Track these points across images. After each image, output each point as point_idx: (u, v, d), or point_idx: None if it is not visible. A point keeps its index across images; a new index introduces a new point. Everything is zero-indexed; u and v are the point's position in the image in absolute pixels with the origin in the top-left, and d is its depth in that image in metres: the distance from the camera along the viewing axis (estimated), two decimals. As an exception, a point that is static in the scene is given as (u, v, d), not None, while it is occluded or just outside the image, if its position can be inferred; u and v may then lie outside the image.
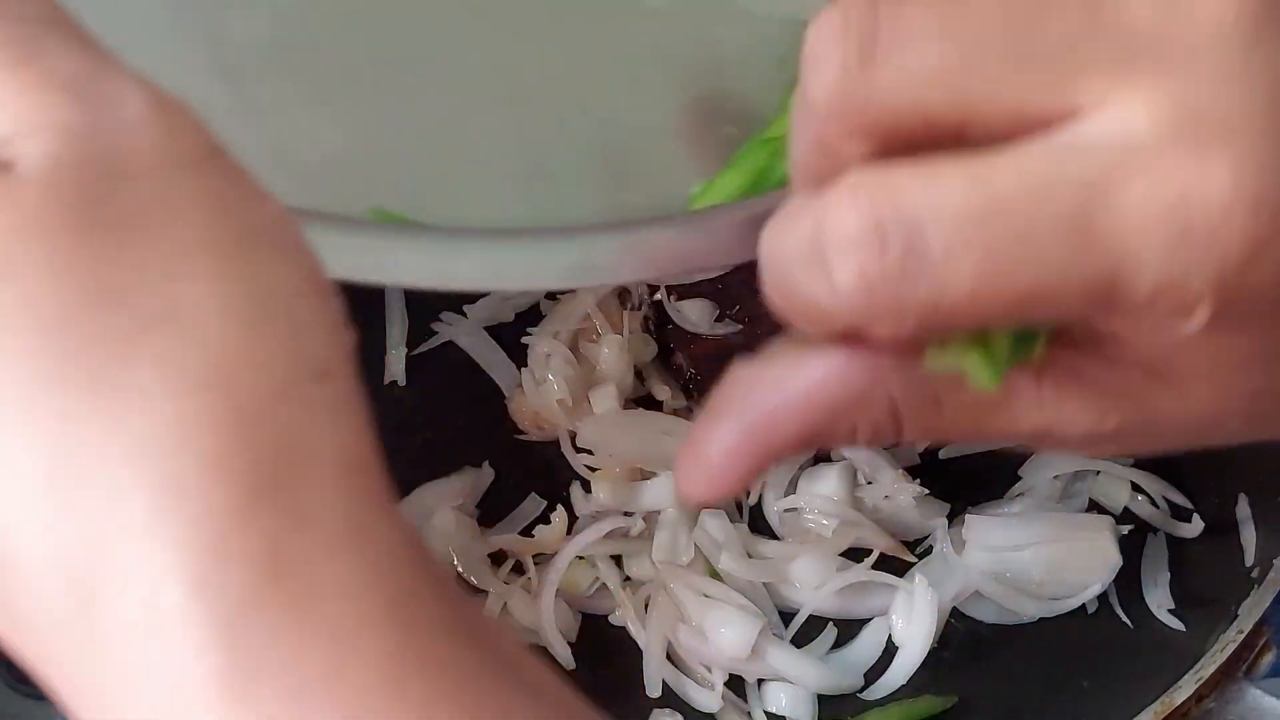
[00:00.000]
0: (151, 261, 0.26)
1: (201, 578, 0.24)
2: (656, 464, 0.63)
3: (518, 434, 0.66)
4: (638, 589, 0.62)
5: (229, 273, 0.26)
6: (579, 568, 0.62)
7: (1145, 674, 0.56)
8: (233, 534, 0.24)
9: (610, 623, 0.62)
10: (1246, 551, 0.59)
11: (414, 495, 0.64)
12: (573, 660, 0.60)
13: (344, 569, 0.25)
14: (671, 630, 0.60)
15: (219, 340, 0.25)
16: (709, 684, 0.59)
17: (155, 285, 0.25)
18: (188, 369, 0.25)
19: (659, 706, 0.59)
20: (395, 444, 0.64)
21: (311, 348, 0.26)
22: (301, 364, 0.26)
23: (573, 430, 0.64)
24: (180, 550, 0.24)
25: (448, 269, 0.36)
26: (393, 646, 0.25)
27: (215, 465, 0.24)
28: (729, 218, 0.36)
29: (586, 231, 0.36)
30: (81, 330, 0.25)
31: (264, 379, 0.25)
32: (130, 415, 0.25)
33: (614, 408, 0.64)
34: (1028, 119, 0.30)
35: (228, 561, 0.24)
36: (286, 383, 0.26)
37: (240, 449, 0.25)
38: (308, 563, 0.25)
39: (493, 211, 0.41)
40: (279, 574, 0.24)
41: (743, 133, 0.43)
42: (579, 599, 0.62)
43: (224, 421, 0.25)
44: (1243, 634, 0.54)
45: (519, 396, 0.66)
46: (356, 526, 0.25)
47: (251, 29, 0.43)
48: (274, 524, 0.25)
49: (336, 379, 0.27)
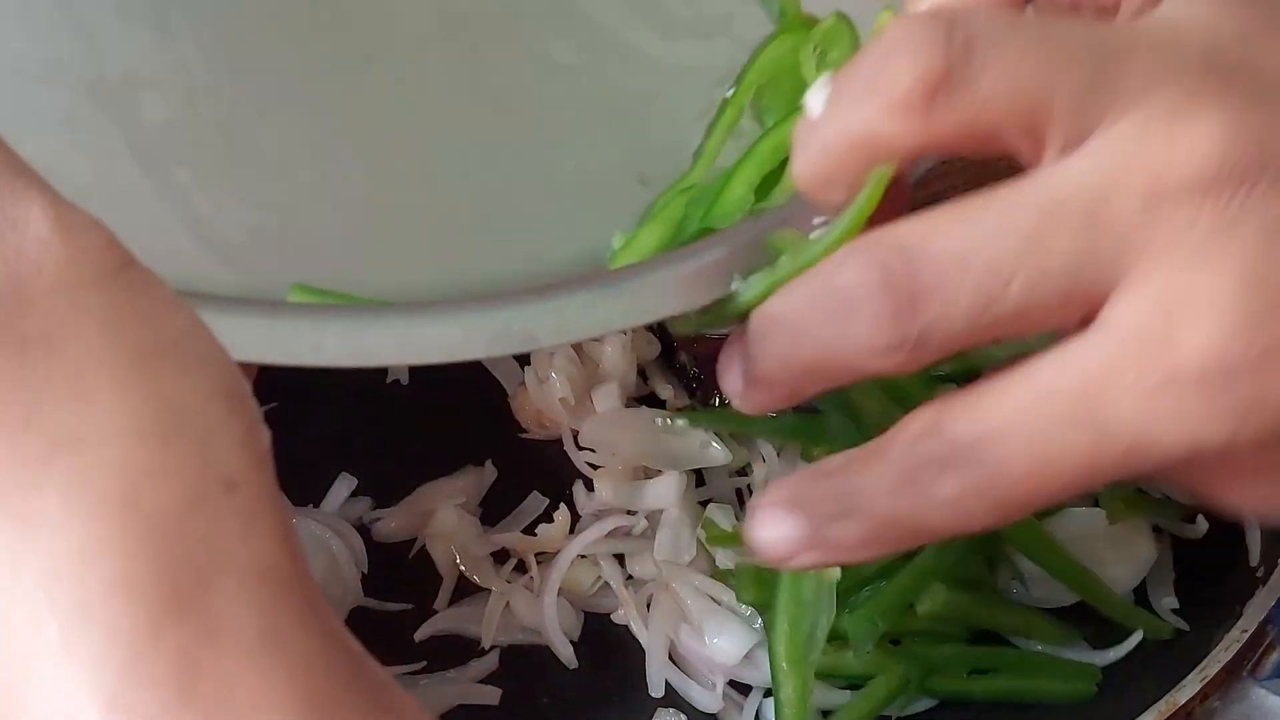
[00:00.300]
0: (56, 383, 0.26)
1: (113, 699, 0.24)
2: (659, 462, 0.63)
3: (520, 432, 0.66)
4: (640, 588, 0.62)
5: (131, 390, 0.26)
6: (581, 566, 0.62)
7: (1150, 672, 0.56)
8: (143, 654, 0.25)
9: (613, 621, 0.62)
10: (1252, 551, 0.59)
11: (417, 493, 0.64)
12: (575, 659, 0.60)
13: (259, 682, 0.25)
14: (674, 630, 0.60)
15: (122, 461, 0.26)
16: (711, 684, 0.59)
17: (60, 408, 0.26)
18: (92, 492, 0.25)
19: (662, 706, 0.59)
20: (398, 443, 0.65)
21: (219, 458, 0.27)
22: (209, 476, 0.26)
23: (575, 429, 0.64)
24: (94, 672, 0.25)
25: (367, 349, 0.36)
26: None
27: (123, 586, 0.25)
28: (652, 275, 0.38)
29: (508, 300, 0.37)
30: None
31: (169, 495, 0.26)
32: (40, 541, 0.25)
33: (617, 406, 0.64)
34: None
35: (139, 682, 0.25)
36: (193, 497, 0.26)
37: (147, 568, 0.25)
38: (222, 678, 0.25)
39: (416, 279, 0.41)
40: (193, 692, 0.25)
41: (657, 182, 0.44)
42: (581, 598, 0.62)
43: (130, 541, 0.25)
44: (1247, 633, 0.54)
45: (522, 395, 0.66)
46: (271, 637, 0.26)
47: (165, 108, 0.43)
48: (186, 640, 0.25)
49: (247, 486, 0.27)
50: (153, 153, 0.42)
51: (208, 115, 0.43)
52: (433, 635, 0.61)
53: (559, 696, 0.60)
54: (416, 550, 0.63)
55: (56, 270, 0.27)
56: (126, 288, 0.27)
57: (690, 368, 0.65)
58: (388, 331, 0.36)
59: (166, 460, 0.26)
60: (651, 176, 0.45)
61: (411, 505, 0.63)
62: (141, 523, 0.25)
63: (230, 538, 0.26)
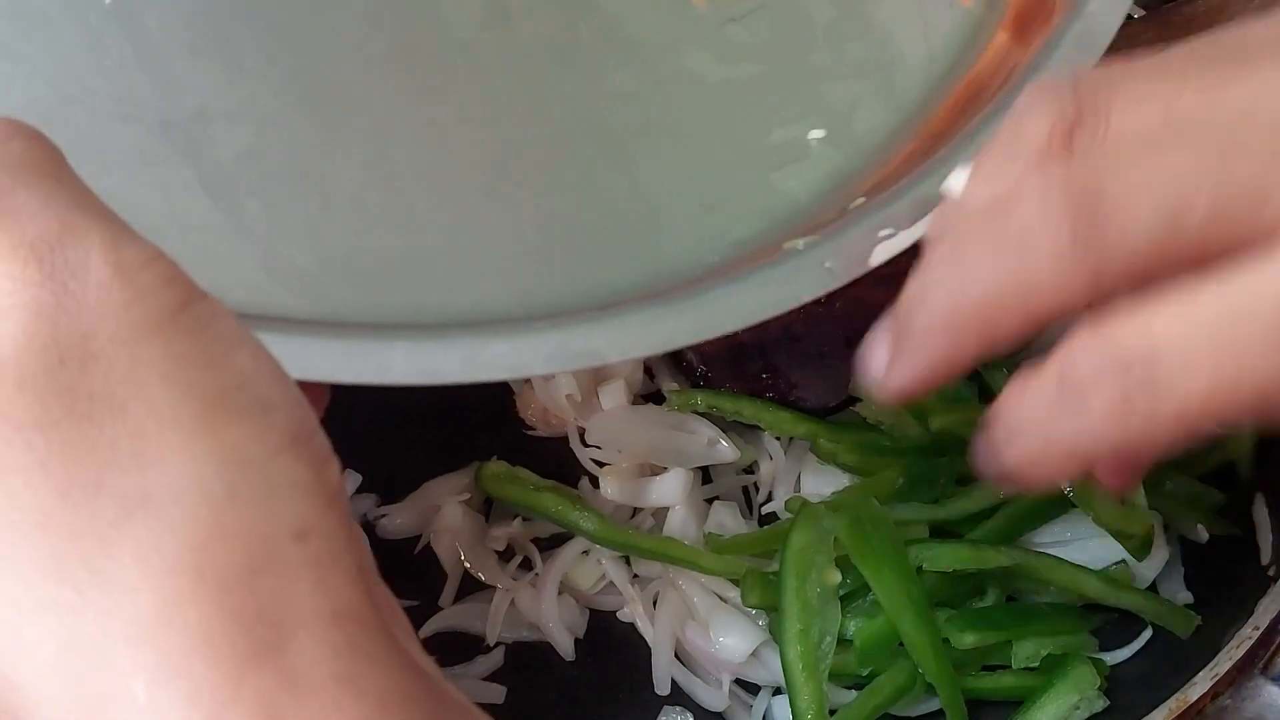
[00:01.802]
0: (122, 445, 0.27)
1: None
2: (666, 460, 0.62)
3: (526, 429, 0.66)
4: (646, 585, 0.61)
5: (196, 447, 0.27)
6: (586, 564, 0.62)
7: (1160, 670, 0.56)
8: (227, 704, 0.26)
9: (618, 619, 0.61)
10: (1263, 549, 0.59)
11: (422, 489, 0.63)
12: (573, 652, 0.60)
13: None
14: (680, 627, 0.60)
15: (191, 522, 0.27)
16: (717, 683, 0.59)
17: (127, 470, 0.27)
18: (164, 554, 0.26)
19: (668, 704, 0.59)
20: (404, 438, 0.65)
21: (287, 510, 0.28)
22: (277, 529, 0.27)
23: (582, 426, 0.64)
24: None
25: (434, 367, 0.37)
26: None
27: (203, 642, 0.26)
28: (715, 292, 0.39)
29: (573, 318, 0.37)
30: (66, 523, 0.27)
31: (239, 554, 0.27)
32: (120, 603, 0.26)
33: (623, 403, 0.64)
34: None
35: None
36: (263, 553, 0.27)
37: (224, 624, 0.26)
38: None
39: (484, 302, 0.42)
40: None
41: (721, 207, 0.45)
42: (587, 595, 0.62)
43: (205, 601, 0.26)
44: (1259, 630, 0.54)
45: (527, 392, 0.66)
46: (348, 678, 0.27)
47: (236, 142, 0.44)
48: (266, 688, 0.26)
49: (318, 533, 0.28)
50: (224, 185, 0.43)
51: (279, 147, 0.44)
52: (437, 632, 0.61)
53: (564, 693, 0.59)
54: (421, 547, 0.63)
55: (118, 321, 0.28)
56: (187, 330, 0.28)
57: (697, 365, 0.64)
58: (453, 350, 0.37)
59: (234, 519, 0.27)
60: (716, 202, 0.45)
61: (416, 502, 0.63)
62: (214, 582, 0.26)
63: (303, 586, 0.27)
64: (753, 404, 0.62)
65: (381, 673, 0.27)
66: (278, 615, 0.27)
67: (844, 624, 0.56)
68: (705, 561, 0.60)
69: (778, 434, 0.63)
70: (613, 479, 0.62)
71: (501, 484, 0.63)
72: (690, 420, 0.63)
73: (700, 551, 0.60)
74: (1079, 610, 0.59)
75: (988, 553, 0.58)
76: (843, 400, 0.62)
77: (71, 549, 0.26)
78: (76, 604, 0.26)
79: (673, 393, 0.63)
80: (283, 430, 0.28)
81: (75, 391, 0.27)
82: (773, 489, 0.63)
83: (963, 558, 0.57)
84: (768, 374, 0.63)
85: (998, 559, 0.57)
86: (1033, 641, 0.57)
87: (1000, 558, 0.58)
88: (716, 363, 0.64)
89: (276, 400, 0.29)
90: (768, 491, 0.64)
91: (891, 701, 0.57)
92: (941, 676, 0.55)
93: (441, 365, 0.38)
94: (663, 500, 0.62)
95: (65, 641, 0.26)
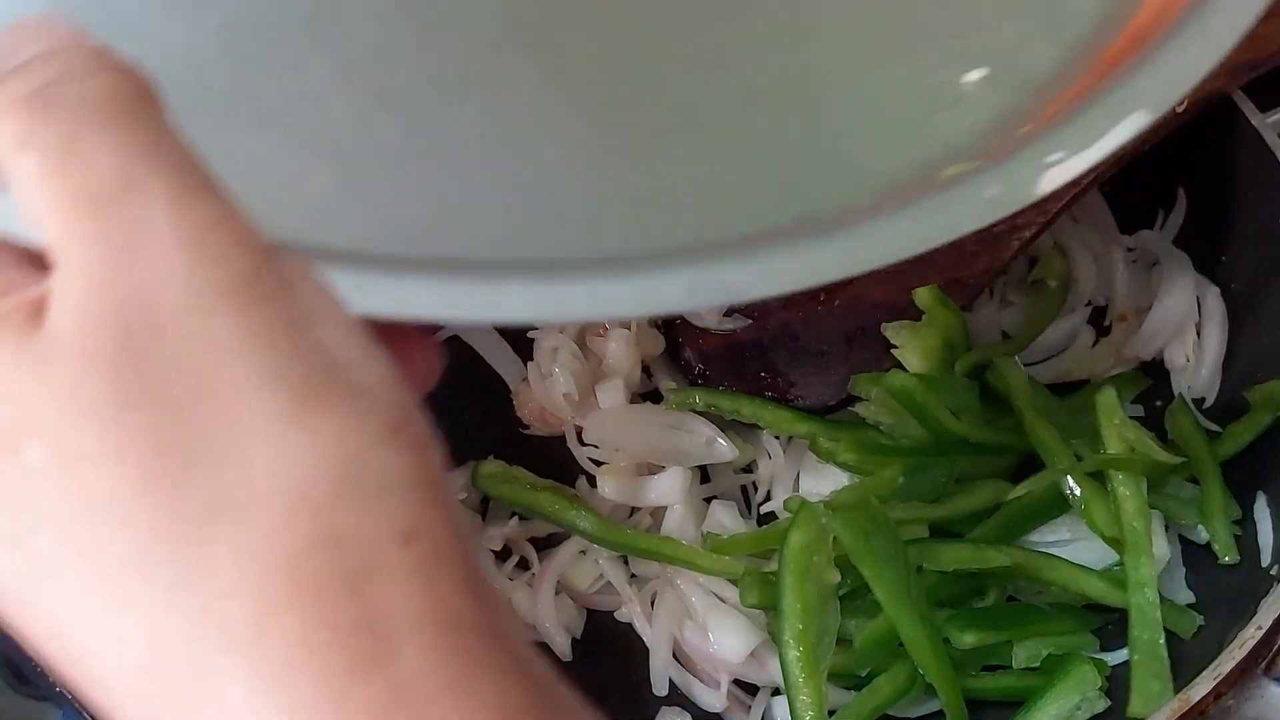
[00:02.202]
0: (204, 434, 0.25)
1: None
2: (664, 459, 0.62)
3: (523, 428, 0.65)
4: (644, 585, 0.61)
5: (287, 443, 0.25)
6: (583, 563, 0.61)
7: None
8: (332, 716, 0.24)
9: (616, 619, 0.61)
10: (1264, 550, 0.58)
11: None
12: (570, 652, 0.60)
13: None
14: (678, 627, 0.59)
15: (290, 526, 0.25)
16: (715, 683, 0.59)
17: (212, 464, 0.25)
18: (261, 559, 0.24)
19: (666, 704, 0.59)
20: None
21: (391, 511, 0.25)
22: (382, 532, 0.25)
23: (579, 425, 0.64)
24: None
25: (554, 302, 0.35)
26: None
27: (303, 654, 0.24)
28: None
29: (714, 252, 0.36)
30: (149, 520, 0.25)
31: (342, 559, 0.25)
32: (212, 606, 0.24)
33: (621, 402, 0.63)
34: None
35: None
36: (367, 559, 0.25)
37: (325, 636, 0.24)
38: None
39: (622, 240, 0.41)
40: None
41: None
42: (584, 594, 0.61)
43: (305, 609, 0.24)
44: (1262, 630, 0.53)
45: (524, 390, 0.65)
46: (460, 686, 0.25)
47: (345, 101, 0.42)
48: (374, 699, 0.24)
49: (425, 535, 0.25)
50: (339, 132, 0.41)
51: (387, 103, 0.43)
52: (434, 633, 0.60)
53: (561, 695, 0.59)
54: (418, 547, 0.62)
55: (186, 286, 0.25)
56: (262, 300, 0.26)
57: (695, 364, 0.64)
58: (575, 286, 0.35)
59: (335, 523, 0.25)
60: (874, 137, 0.43)
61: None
62: (315, 591, 0.24)
63: (411, 592, 0.25)
64: (751, 403, 0.62)
65: (495, 678, 0.25)
66: (385, 625, 0.24)
67: (844, 624, 0.56)
68: (703, 561, 0.59)
69: (776, 433, 0.63)
70: (610, 478, 0.62)
71: (498, 483, 0.62)
72: (688, 419, 0.63)
73: (698, 551, 0.60)
74: (1080, 610, 0.59)
75: (988, 552, 0.58)
76: (842, 399, 0.62)
77: (158, 548, 0.24)
78: (165, 604, 0.24)
79: (671, 391, 0.63)
80: (381, 418, 0.26)
81: (146, 372, 0.25)
82: (771, 488, 0.63)
83: (963, 557, 0.57)
84: (766, 373, 0.62)
85: (998, 559, 0.57)
86: (1033, 641, 0.57)
87: (1000, 557, 0.57)
88: (715, 361, 0.64)
89: (370, 382, 0.26)
90: (766, 491, 0.63)
91: (891, 702, 0.56)
92: (941, 677, 0.55)
93: (563, 300, 0.35)
94: (661, 499, 0.62)
95: (154, 641, 0.24)
